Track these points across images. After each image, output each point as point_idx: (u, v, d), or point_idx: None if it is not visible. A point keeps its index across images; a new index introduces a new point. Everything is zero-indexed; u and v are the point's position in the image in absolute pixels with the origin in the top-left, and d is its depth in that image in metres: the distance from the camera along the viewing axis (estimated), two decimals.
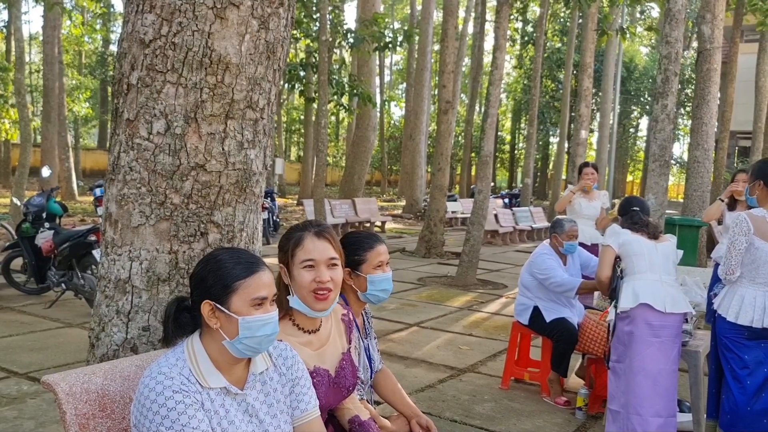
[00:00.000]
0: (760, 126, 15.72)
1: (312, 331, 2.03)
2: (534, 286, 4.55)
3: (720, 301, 3.59)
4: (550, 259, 4.53)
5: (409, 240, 14.91)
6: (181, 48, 2.19)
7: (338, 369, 2.05)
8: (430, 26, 22.30)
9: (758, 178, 3.56)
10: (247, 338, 1.61)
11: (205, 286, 1.62)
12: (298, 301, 1.96)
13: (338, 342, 2.11)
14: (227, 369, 1.65)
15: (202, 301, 1.62)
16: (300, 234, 2.00)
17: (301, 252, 1.97)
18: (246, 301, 1.61)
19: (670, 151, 6.63)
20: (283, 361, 1.78)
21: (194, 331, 1.68)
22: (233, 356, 1.64)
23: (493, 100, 9.23)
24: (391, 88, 53.16)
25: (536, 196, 33.68)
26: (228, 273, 1.62)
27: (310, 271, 1.95)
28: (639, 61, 38.66)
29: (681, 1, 6.40)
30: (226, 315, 1.60)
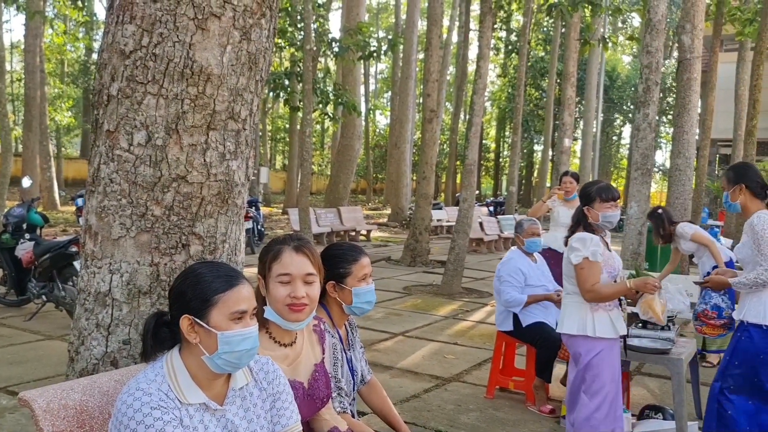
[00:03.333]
0: (740, 134, 15.91)
1: (287, 344, 2.02)
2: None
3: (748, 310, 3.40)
4: (517, 268, 4.62)
5: (394, 249, 14.90)
6: (161, 59, 2.18)
7: (311, 380, 2.04)
8: (414, 35, 22.40)
9: (738, 182, 3.51)
10: (227, 353, 1.59)
11: (184, 301, 1.60)
12: (273, 313, 1.95)
13: (311, 353, 2.10)
14: (207, 384, 1.63)
15: (181, 315, 1.60)
16: (279, 247, 2.00)
17: (278, 266, 1.97)
18: (225, 315, 1.60)
19: (652, 159, 6.70)
20: (264, 375, 1.76)
21: (174, 346, 1.66)
22: (213, 371, 1.62)
23: (477, 108, 9.27)
24: (376, 96, 53.23)
25: (521, 203, 33.81)
26: (207, 287, 1.60)
27: (286, 286, 1.94)
28: (621, 69, 39.09)
29: (661, 11, 6.48)
30: (206, 330, 1.58)
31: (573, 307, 3.46)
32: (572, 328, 3.45)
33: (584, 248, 3.38)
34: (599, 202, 3.44)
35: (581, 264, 3.36)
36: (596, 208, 3.45)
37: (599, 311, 3.42)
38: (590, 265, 3.34)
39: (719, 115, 19.28)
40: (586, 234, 3.44)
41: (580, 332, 3.41)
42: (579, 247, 3.39)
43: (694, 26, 8.03)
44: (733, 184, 3.55)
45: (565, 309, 3.52)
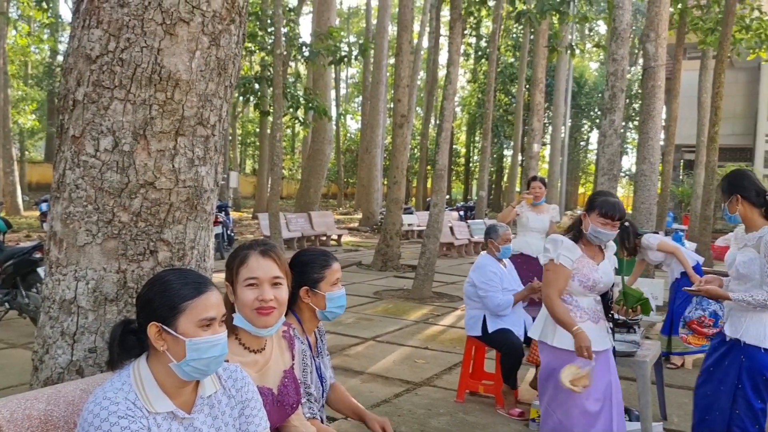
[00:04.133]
0: (703, 140, 16.30)
1: (257, 350, 2.01)
2: (477, 296, 4.63)
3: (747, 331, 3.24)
4: (493, 272, 4.62)
5: (365, 253, 14.90)
6: (129, 64, 2.16)
7: (281, 387, 2.04)
8: (385, 40, 22.48)
9: (734, 192, 3.32)
10: (195, 360, 1.58)
11: (152, 308, 1.59)
12: (242, 319, 1.95)
13: (280, 359, 2.10)
14: (174, 392, 1.61)
15: (148, 323, 1.59)
16: (245, 252, 2.01)
17: (245, 270, 1.97)
18: (194, 323, 1.59)
19: (618, 164, 6.83)
20: (233, 383, 1.75)
21: (141, 354, 1.64)
22: (181, 379, 1.61)
23: (447, 114, 9.34)
24: (346, 101, 53.25)
25: (491, 208, 34.11)
26: (175, 294, 1.59)
27: (254, 290, 1.95)
28: (588, 76, 39.73)
29: (626, 20, 6.62)
30: (173, 337, 1.57)
31: (543, 311, 3.40)
32: (536, 332, 3.42)
33: (553, 250, 3.29)
34: (597, 214, 3.26)
35: (547, 265, 3.31)
36: (592, 218, 3.28)
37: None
38: (555, 268, 3.25)
39: (683, 121, 19.74)
40: (560, 236, 3.35)
41: (542, 339, 3.36)
42: (549, 248, 3.33)
43: (658, 35, 8.21)
44: (728, 195, 3.36)
45: (542, 315, 3.46)
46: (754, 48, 15.81)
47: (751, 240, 3.26)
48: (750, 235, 3.27)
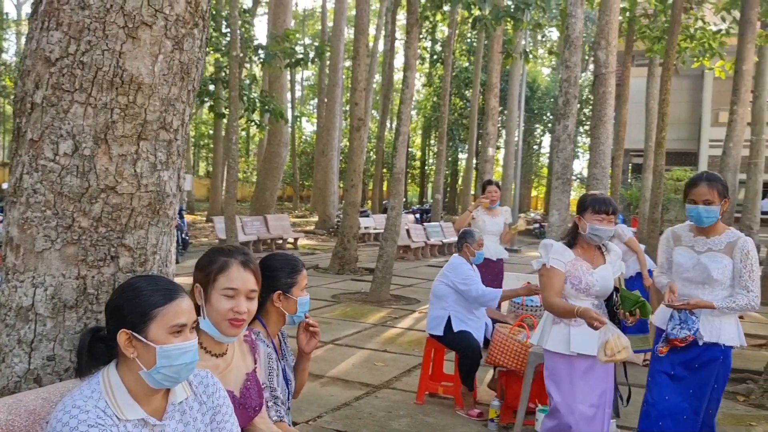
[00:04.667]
0: (651, 145, 16.81)
1: (219, 354, 2.01)
2: (449, 296, 4.68)
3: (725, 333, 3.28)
4: (470, 270, 4.71)
5: (322, 257, 14.87)
6: (90, 67, 2.12)
7: (243, 390, 2.05)
8: (341, 43, 22.48)
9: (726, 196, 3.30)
10: (165, 367, 1.57)
11: (122, 315, 1.58)
12: (210, 325, 1.94)
13: (242, 363, 2.11)
14: (145, 400, 1.60)
15: (118, 330, 1.58)
16: (226, 260, 1.99)
17: (225, 279, 1.96)
18: (164, 329, 1.58)
19: (571, 169, 6.99)
20: (204, 389, 1.75)
21: (110, 362, 1.62)
22: (151, 386, 1.60)
23: (404, 118, 9.41)
24: (302, 103, 52.98)
25: (446, 210, 34.42)
26: (146, 300, 1.58)
27: (230, 300, 1.94)
28: (541, 81, 40.52)
29: (578, 28, 6.79)
30: (144, 344, 1.57)
31: (545, 318, 3.43)
32: (535, 338, 3.47)
33: (545, 255, 3.29)
34: (591, 213, 3.27)
35: (541, 270, 3.31)
36: (587, 218, 3.28)
37: (560, 324, 3.31)
38: (548, 272, 3.25)
39: (631, 126, 20.35)
40: (551, 240, 3.36)
41: (540, 343, 3.38)
42: (541, 253, 3.33)
43: (609, 43, 8.42)
44: (722, 198, 3.29)
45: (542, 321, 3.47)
46: (698, 57, 16.39)
47: (716, 244, 3.27)
48: (713, 239, 3.28)
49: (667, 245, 3.43)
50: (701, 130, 26.88)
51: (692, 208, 3.27)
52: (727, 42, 16.08)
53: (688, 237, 3.37)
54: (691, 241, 3.34)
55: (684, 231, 3.42)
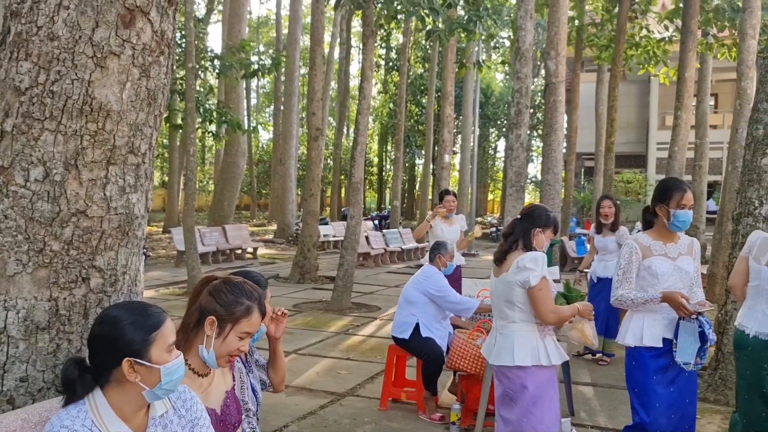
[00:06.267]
0: (602, 149, 17.33)
1: (204, 374, 2.10)
2: (421, 303, 4.81)
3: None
4: (444, 279, 4.88)
5: (282, 266, 14.87)
6: (60, 96, 2.19)
7: (223, 407, 2.14)
8: (297, 51, 22.50)
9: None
10: (167, 383, 1.69)
11: (119, 346, 1.65)
12: (212, 356, 2.03)
13: (222, 381, 2.20)
14: (130, 417, 1.69)
15: (117, 360, 1.65)
16: (250, 305, 2.07)
17: (246, 324, 2.05)
18: (162, 349, 1.69)
19: (525, 176, 7.24)
20: (182, 403, 1.84)
21: (94, 387, 1.70)
22: (139, 404, 1.70)
23: (362, 128, 9.55)
24: (258, 111, 52.67)
25: (404, 216, 34.68)
26: (142, 327, 1.67)
27: (241, 341, 2.06)
28: (495, 87, 41.21)
29: (529, 41, 7.04)
30: (147, 367, 1.66)
31: (523, 335, 3.20)
32: (526, 359, 3.16)
33: (539, 268, 3.14)
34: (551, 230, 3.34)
35: (539, 285, 3.12)
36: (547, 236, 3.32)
37: (547, 337, 3.25)
38: (546, 284, 3.14)
39: (582, 130, 20.92)
40: (537, 253, 3.23)
41: (534, 362, 3.16)
42: (534, 267, 3.14)
43: (558, 53, 8.74)
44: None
45: (511, 339, 3.21)
46: (644, 63, 17.00)
47: (683, 248, 3.38)
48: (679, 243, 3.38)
49: (635, 258, 3.35)
50: (649, 133, 27.74)
51: (684, 213, 3.29)
52: (670, 49, 16.73)
53: (658, 245, 3.36)
54: (663, 249, 3.35)
55: (649, 241, 3.38)
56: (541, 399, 3.20)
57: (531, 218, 3.33)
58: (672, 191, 3.33)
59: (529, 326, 3.21)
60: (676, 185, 3.38)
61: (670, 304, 3.20)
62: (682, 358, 3.18)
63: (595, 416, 4.94)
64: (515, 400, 3.23)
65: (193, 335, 2.05)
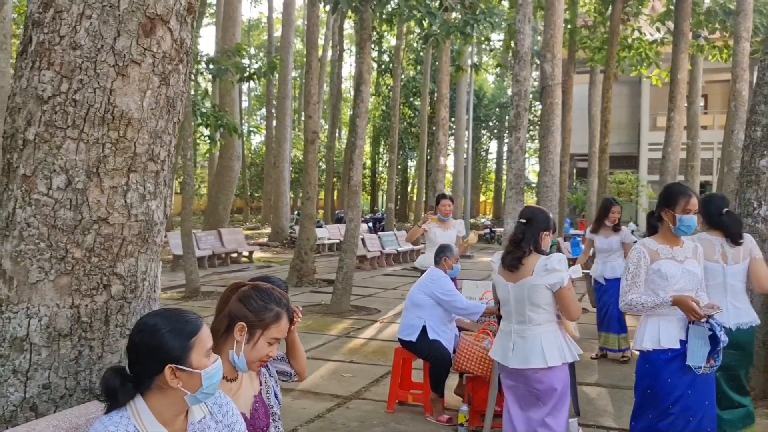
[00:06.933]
0: (595, 150, 17.43)
1: (232, 379, 2.13)
2: (428, 306, 4.84)
3: None
4: (451, 282, 4.93)
5: (278, 269, 14.86)
6: (82, 105, 2.21)
7: (252, 411, 2.16)
8: (290, 54, 22.50)
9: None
10: (208, 386, 1.72)
11: (161, 354, 1.67)
12: (243, 361, 2.07)
13: (250, 386, 2.22)
14: (170, 421, 1.71)
15: (160, 368, 1.67)
16: (279, 311, 2.12)
17: (276, 329, 2.10)
18: (202, 354, 1.72)
19: (524, 178, 7.28)
20: (219, 408, 1.86)
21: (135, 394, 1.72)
22: (179, 408, 1.73)
23: (360, 131, 9.57)
24: (249, 113, 52.56)
25: (398, 218, 34.73)
26: (181, 333, 1.69)
27: (270, 346, 2.10)
28: (487, 89, 41.35)
29: (527, 44, 7.09)
30: (188, 373, 1.68)
31: (549, 336, 3.31)
32: (556, 358, 3.29)
33: (565, 268, 3.27)
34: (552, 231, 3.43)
35: (568, 285, 3.26)
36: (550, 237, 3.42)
37: (566, 335, 3.39)
38: (571, 284, 3.29)
39: (575, 132, 21.03)
40: (561, 254, 3.38)
41: (562, 360, 3.31)
42: (562, 269, 3.26)
43: (554, 56, 8.80)
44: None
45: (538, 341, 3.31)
46: (636, 65, 17.12)
47: (688, 252, 3.42)
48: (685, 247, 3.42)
49: (643, 263, 3.36)
50: (640, 134, 27.91)
51: (690, 218, 3.32)
52: (662, 51, 16.87)
53: (665, 249, 3.39)
54: (670, 252, 3.38)
55: (655, 245, 3.40)
56: (564, 397, 3.40)
57: (537, 222, 3.45)
58: (677, 196, 3.37)
59: (553, 326, 3.36)
60: (681, 191, 3.42)
61: (681, 307, 3.24)
62: (693, 361, 3.22)
63: (600, 416, 4.98)
64: (543, 400, 3.36)
65: (223, 341, 2.07)
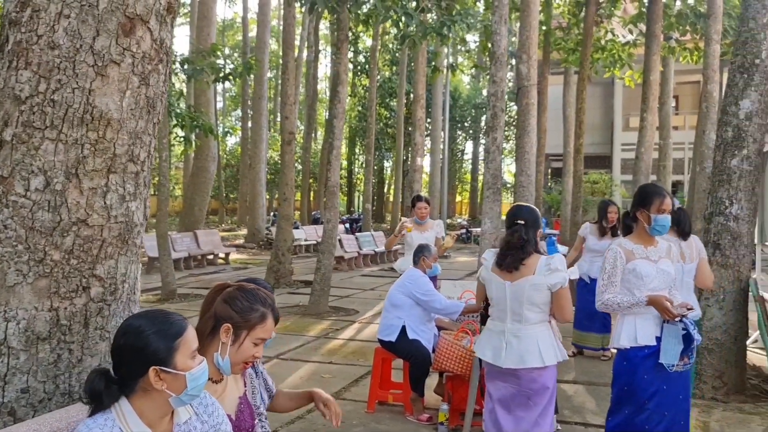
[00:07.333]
0: (569, 150, 17.62)
1: (218, 380, 2.11)
2: (407, 306, 4.85)
3: None
4: (430, 282, 4.94)
5: (255, 271, 14.78)
6: (60, 105, 2.18)
7: (237, 413, 2.15)
8: (265, 55, 22.38)
9: None
10: (193, 388, 1.70)
11: (145, 355, 1.66)
12: (227, 363, 2.05)
13: (235, 387, 2.21)
14: (156, 423, 1.70)
15: (144, 369, 1.66)
16: (265, 311, 2.09)
17: (261, 330, 2.07)
18: (187, 356, 1.70)
19: (501, 178, 7.33)
20: (204, 408, 1.85)
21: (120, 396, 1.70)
22: (165, 410, 1.71)
23: (337, 132, 9.56)
24: (224, 114, 52.14)
25: (375, 219, 34.72)
26: (166, 335, 1.68)
27: (256, 347, 2.07)
28: (462, 90, 41.54)
29: (503, 45, 7.15)
30: (173, 375, 1.67)
31: (544, 335, 3.36)
32: (552, 358, 3.33)
33: (565, 269, 3.32)
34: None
35: (567, 284, 3.33)
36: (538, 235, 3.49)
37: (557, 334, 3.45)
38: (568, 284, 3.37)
39: (551, 132, 21.22)
40: (560, 255, 3.42)
41: (557, 360, 3.36)
42: (564, 269, 3.31)
43: (529, 57, 8.86)
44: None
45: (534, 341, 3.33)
46: (609, 67, 17.34)
47: (662, 251, 3.47)
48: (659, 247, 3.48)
49: (619, 263, 3.42)
50: (613, 134, 28.28)
51: (664, 218, 3.39)
52: (634, 53, 17.11)
53: (640, 249, 3.44)
54: (645, 252, 3.43)
55: (631, 245, 3.45)
56: (554, 396, 3.43)
57: (535, 222, 3.50)
58: (652, 197, 3.44)
59: (546, 326, 3.39)
60: (655, 191, 3.50)
61: (655, 307, 3.31)
62: (666, 360, 3.29)
63: (578, 413, 5.04)
64: (535, 399, 3.37)
65: (208, 342, 2.05)
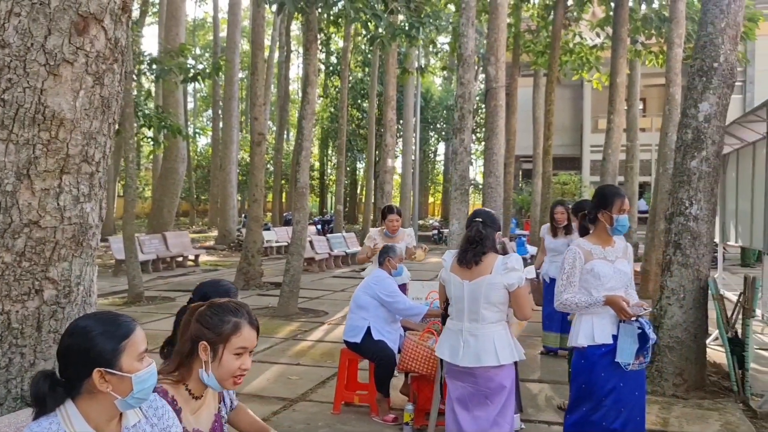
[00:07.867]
0: (539, 152, 17.81)
1: (199, 397, 2.09)
2: (372, 307, 4.86)
3: None
4: (394, 284, 4.94)
5: (225, 273, 14.66)
6: (11, 105, 2.15)
7: (212, 429, 2.14)
8: (236, 55, 22.24)
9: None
10: (140, 391, 1.68)
11: (90, 357, 1.63)
12: (214, 380, 2.01)
13: (212, 403, 2.19)
14: (103, 427, 1.68)
15: (88, 371, 1.63)
16: (237, 321, 2.02)
17: (238, 339, 2.00)
18: (134, 358, 1.68)
19: (468, 179, 7.38)
20: (154, 411, 1.83)
21: (65, 399, 1.68)
22: (111, 413, 1.69)
23: (306, 133, 9.54)
24: (195, 115, 51.64)
25: (347, 220, 34.66)
26: (113, 336, 1.65)
27: (239, 358, 2.01)
28: (434, 91, 41.71)
29: (470, 47, 7.21)
30: (118, 377, 1.64)
31: (501, 335, 3.38)
32: (508, 357, 3.36)
33: (522, 269, 3.35)
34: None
35: (525, 284, 3.35)
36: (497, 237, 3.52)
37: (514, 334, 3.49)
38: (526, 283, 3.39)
39: (521, 134, 21.45)
40: (518, 255, 3.42)
41: (513, 359, 3.39)
42: (520, 268, 3.33)
43: (498, 59, 8.95)
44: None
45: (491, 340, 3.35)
46: (578, 69, 17.58)
47: (620, 251, 3.54)
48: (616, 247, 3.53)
49: (578, 263, 3.46)
50: (583, 136, 28.65)
51: (625, 218, 3.46)
52: (602, 56, 17.38)
53: (598, 249, 3.49)
54: (603, 252, 3.48)
55: (589, 245, 3.50)
56: (512, 394, 3.46)
57: (493, 223, 3.57)
58: (613, 197, 3.50)
59: (503, 325, 3.42)
60: (615, 192, 3.57)
61: (612, 307, 3.38)
62: (622, 358, 3.36)
63: (542, 412, 5.10)
64: (491, 399, 3.41)
65: (191, 363, 2.03)
